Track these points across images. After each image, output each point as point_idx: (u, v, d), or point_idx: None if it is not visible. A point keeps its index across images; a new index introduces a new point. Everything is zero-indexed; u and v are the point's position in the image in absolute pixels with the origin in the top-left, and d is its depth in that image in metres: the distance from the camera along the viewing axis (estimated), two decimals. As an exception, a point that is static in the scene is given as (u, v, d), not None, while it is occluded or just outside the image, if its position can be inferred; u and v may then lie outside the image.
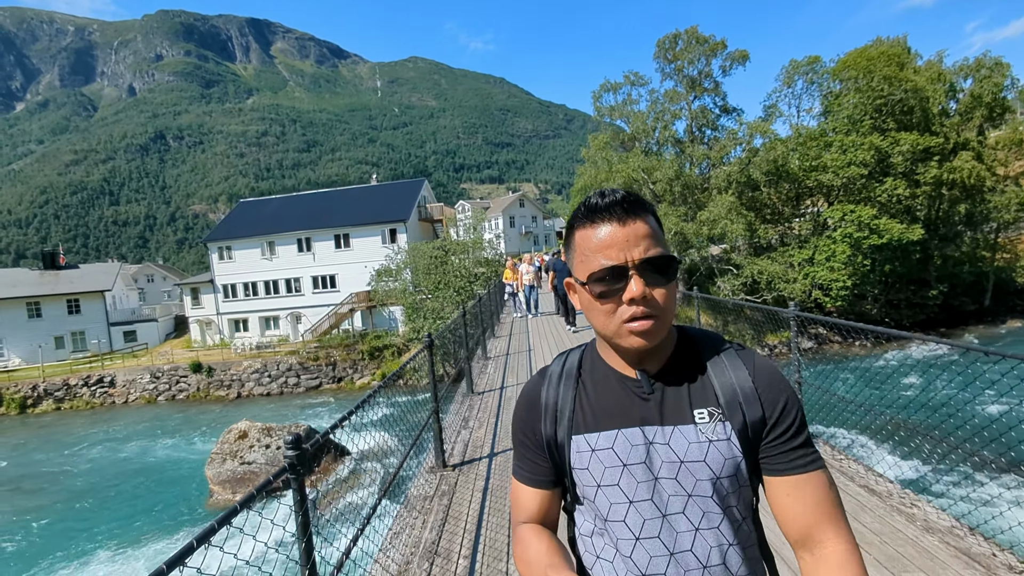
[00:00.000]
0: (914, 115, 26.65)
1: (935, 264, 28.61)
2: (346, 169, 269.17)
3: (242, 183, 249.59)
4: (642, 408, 0.92)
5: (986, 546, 2.68)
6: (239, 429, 17.04)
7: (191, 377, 30.25)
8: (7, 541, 14.59)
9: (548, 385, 1.02)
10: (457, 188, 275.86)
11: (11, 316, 35.50)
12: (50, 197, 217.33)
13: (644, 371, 0.94)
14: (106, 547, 13.58)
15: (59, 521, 15.75)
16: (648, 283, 0.86)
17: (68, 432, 25.42)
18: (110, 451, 21.96)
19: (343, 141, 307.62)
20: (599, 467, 0.92)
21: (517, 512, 1.03)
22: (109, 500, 17.15)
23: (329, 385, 29.53)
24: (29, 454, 22.37)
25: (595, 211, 0.89)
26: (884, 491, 3.47)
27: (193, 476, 18.07)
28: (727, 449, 0.89)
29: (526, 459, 1.02)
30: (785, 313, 4.67)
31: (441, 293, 26.15)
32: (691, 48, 27.79)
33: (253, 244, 35.75)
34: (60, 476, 19.66)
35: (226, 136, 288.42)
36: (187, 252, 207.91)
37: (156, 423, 25.70)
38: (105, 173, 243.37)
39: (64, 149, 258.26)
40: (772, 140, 25.87)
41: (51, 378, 30.69)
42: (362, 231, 34.54)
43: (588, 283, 0.89)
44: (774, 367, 0.95)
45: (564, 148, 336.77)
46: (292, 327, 35.39)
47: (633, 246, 0.86)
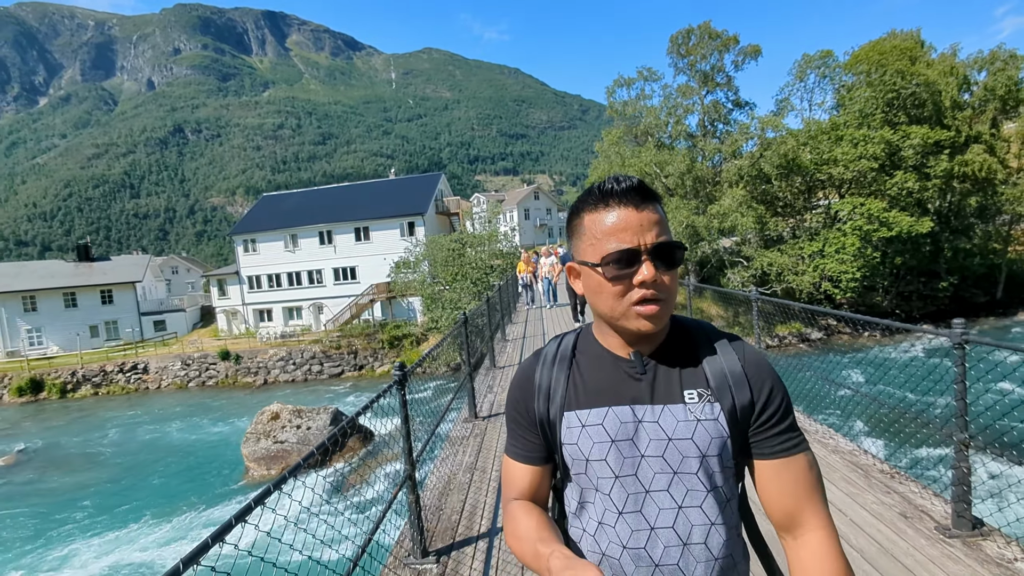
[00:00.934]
0: (926, 108, 26.90)
1: (945, 256, 28.88)
2: (361, 161, 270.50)
3: (259, 176, 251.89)
4: (634, 387, 0.97)
5: (872, 461, 3.63)
6: (271, 411, 18.19)
7: (219, 364, 31.62)
8: (60, 512, 15.85)
9: (543, 365, 1.06)
10: (472, 180, 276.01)
11: (49, 306, 37.29)
12: (73, 190, 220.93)
13: (638, 352, 0.99)
14: (151, 517, 14.79)
15: (106, 494, 17.02)
16: (658, 268, 0.91)
17: (107, 415, 26.89)
18: (147, 432, 23.32)
19: (358, 133, 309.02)
20: (588, 442, 0.96)
21: (508, 489, 1.07)
22: (151, 476, 18.42)
23: (351, 373, 30.72)
24: (73, 435, 23.81)
25: (610, 195, 0.93)
26: (813, 430, 4.57)
27: (227, 455, 19.28)
28: (714, 428, 0.93)
29: (519, 436, 1.07)
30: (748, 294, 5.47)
31: (458, 284, 27.10)
32: (704, 43, 28.23)
33: (276, 237, 37.03)
34: (104, 454, 21.01)
35: (243, 129, 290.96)
36: (206, 244, 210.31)
37: (188, 407, 27.06)
38: (126, 167, 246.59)
39: (86, 143, 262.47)
40: (783, 135, 26.29)
41: (88, 365, 32.30)
42: (381, 224, 35.62)
43: (601, 265, 0.93)
44: (762, 355, 1.01)
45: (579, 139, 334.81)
46: (314, 317, 36.67)
47: (647, 231, 0.91)
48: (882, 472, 3.60)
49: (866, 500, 3.32)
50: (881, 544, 2.86)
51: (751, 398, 0.95)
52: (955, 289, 29.46)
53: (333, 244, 36.33)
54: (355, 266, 36.02)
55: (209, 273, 41.92)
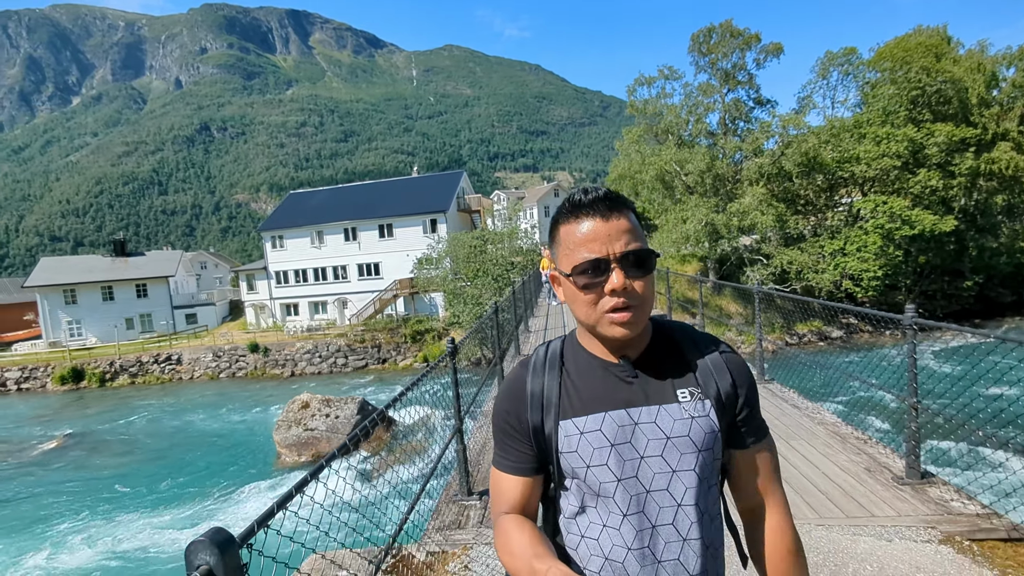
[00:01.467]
0: (951, 105, 26.67)
1: (971, 255, 28.58)
2: (382, 159, 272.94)
3: (282, 173, 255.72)
4: (627, 391, 0.99)
5: (849, 430, 4.20)
6: (302, 400, 19.03)
7: (249, 356, 32.78)
8: (105, 490, 16.86)
9: (532, 375, 1.07)
10: (491, 177, 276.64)
11: (88, 299, 38.97)
12: (104, 187, 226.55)
13: (626, 357, 1.01)
14: (190, 497, 15.70)
15: (147, 475, 18.02)
16: (628, 275, 0.93)
17: (144, 403, 28.16)
18: (183, 420, 24.42)
19: (379, 131, 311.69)
20: (588, 448, 0.97)
21: (498, 503, 1.07)
22: (188, 459, 19.41)
23: (375, 366, 31.60)
24: (114, 421, 25.05)
25: (579, 207, 0.96)
26: (804, 406, 5.20)
27: (259, 441, 20.21)
28: (707, 424, 0.98)
29: (509, 448, 1.06)
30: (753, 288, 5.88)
31: (480, 280, 27.73)
32: (725, 42, 28.30)
33: (303, 233, 38.11)
34: (143, 439, 22.11)
35: (267, 127, 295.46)
36: (231, 240, 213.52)
37: (220, 397, 28.19)
38: (154, 164, 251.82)
39: (116, 141, 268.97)
40: (805, 132, 26.32)
41: (125, 356, 33.73)
42: (404, 221, 36.43)
43: (572, 275, 0.96)
44: (737, 352, 1.08)
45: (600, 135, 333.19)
46: (339, 311, 37.69)
47: (615, 240, 0.93)
48: (857, 439, 4.21)
49: (839, 459, 3.94)
50: (845, 489, 3.51)
51: (733, 390, 1.02)
52: (980, 288, 29.13)
53: (357, 241, 37.27)
54: (379, 262, 36.92)
55: (238, 268, 43.31)
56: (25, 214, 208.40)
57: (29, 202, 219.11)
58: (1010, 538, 2.91)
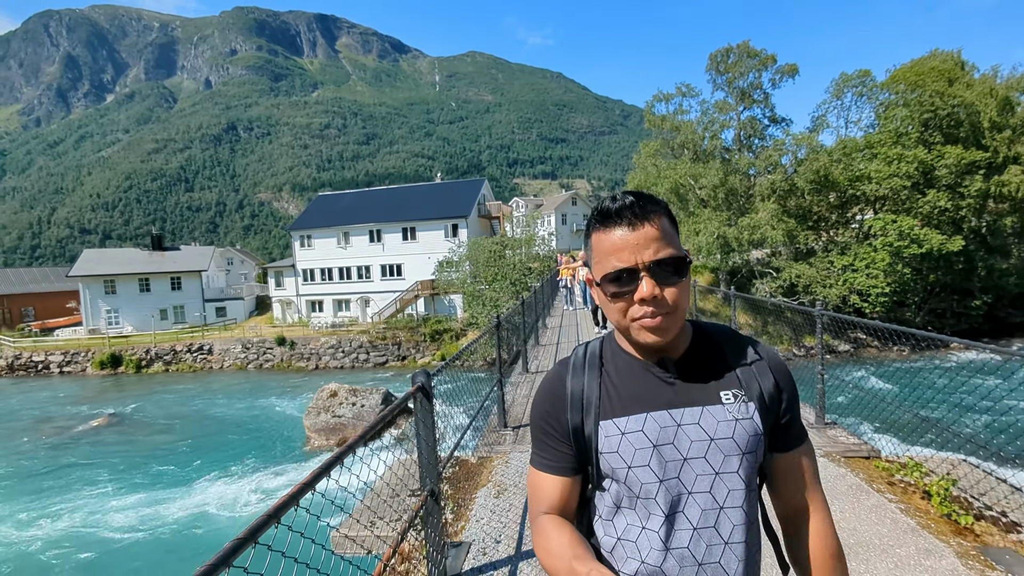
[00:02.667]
0: (963, 128, 27.39)
1: (979, 275, 29.16)
2: (403, 162, 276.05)
3: (305, 173, 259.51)
4: (668, 392, 0.99)
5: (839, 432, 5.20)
6: (330, 389, 20.44)
7: (276, 349, 34.40)
8: (146, 464, 18.32)
9: (572, 375, 1.07)
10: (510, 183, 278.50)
11: (126, 290, 41.11)
12: (133, 183, 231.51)
13: (667, 358, 1.01)
14: (226, 471, 17.12)
15: (184, 452, 19.52)
16: (659, 282, 0.93)
17: (178, 388, 29.88)
18: (216, 405, 26.01)
19: (401, 134, 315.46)
20: (629, 449, 0.97)
21: (537, 502, 1.07)
22: (222, 439, 20.89)
23: (395, 363, 33.01)
24: (152, 404, 26.73)
25: (607, 216, 0.96)
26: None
27: (289, 427, 21.65)
28: (751, 426, 0.97)
29: (549, 448, 1.06)
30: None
31: (498, 284, 29.02)
32: (742, 62, 29.39)
33: (330, 234, 39.84)
34: (179, 421, 23.69)
35: (292, 128, 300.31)
36: (252, 238, 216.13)
37: (249, 386, 29.77)
38: (182, 161, 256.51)
39: (147, 138, 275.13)
40: (816, 151, 27.24)
41: (160, 344, 35.61)
42: (427, 225, 37.94)
43: (602, 283, 0.97)
44: (778, 352, 1.08)
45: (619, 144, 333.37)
46: (361, 310, 39.26)
47: (644, 248, 0.93)
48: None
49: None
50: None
51: (777, 392, 1.01)
52: (989, 308, 29.67)
53: (382, 242, 38.86)
54: (401, 263, 38.45)
55: (267, 265, 45.28)
56: (57, 206, 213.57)
57: (61, 195, 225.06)
58: (868, 456, 4.46)
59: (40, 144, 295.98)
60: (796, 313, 27.52)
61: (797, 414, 1.06)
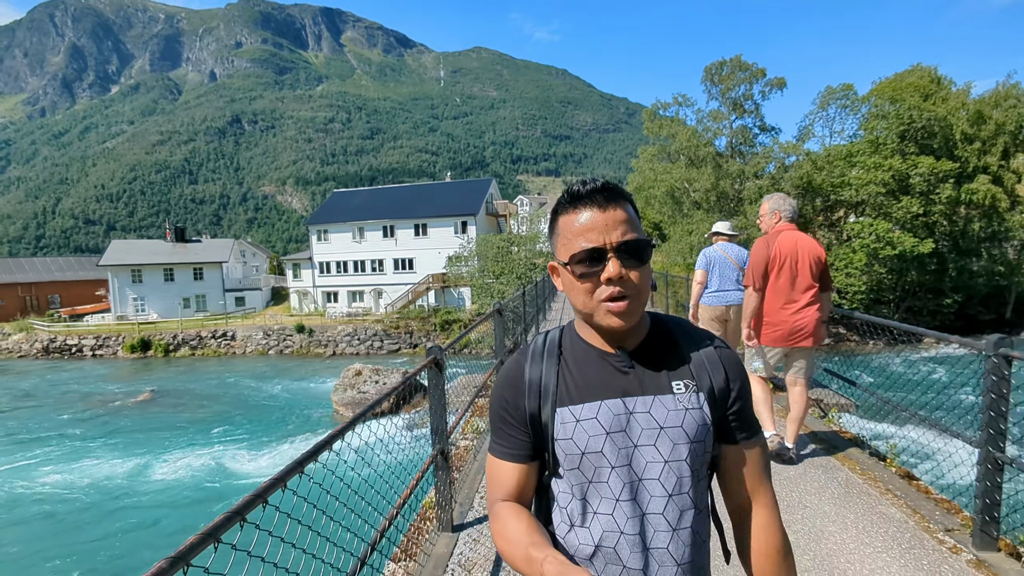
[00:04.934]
0: (936, 140, 29.63)
1: (951, 276, 31.44)
2: (407, 157, 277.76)
3: (308, 167, 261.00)
4: (623, 381, 1.02)
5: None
6: (355, 369, 22.80)
7: (295, 336, 36.76)
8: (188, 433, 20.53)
9: (531, 362, 1.09)
10: (514, 180, 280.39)
11: (152, 279, 43.54)
12: (138, 174, 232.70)
13: (623, 348, 1.04)
14: (262, 438, 19.44)
15: (223, 422, 21.78)
16: (624, 265, 0.95)
17: (206, 370, 32.24)
18: (244, 384, 28.33)
19: (405, 129, 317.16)
20: (583, 436, 1.00)
21: (495, 489, 1.09)
22: (256, 412, 23.16)
23: (407, 350, 35.37)
24: (185, 383, 29.09)
25: (577, 198, 0.99)
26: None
27: (317, 402, 23.98)
28: (700, 416, 1.00)
29: (506, 435, 1.08)
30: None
31: (505, 277, 31.36)
32: (734, 74, 31.61)
33: (346, 229, 42.20)
34: (212, 397, 25.97)
35: (296, 121, 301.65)
36: (256, 231, 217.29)
37: (272, 369, 32.11)
38: (186, 153, 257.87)
39: (151, 130, 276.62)
40: (801, 159, 29.52)
41: (187, 330, 37.99)
42: (438, 222, 40.30)
43: (570, 263, 0.99)
44: (731, 348, 1.10)
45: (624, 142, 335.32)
46: (374, 301, 41.64)
47: (612, 230, 0.95)
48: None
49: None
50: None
51: (727, 384, 1.04)
52: (961, 307, 31.96)
53: (395, 238, 41.22)
54: (413, 258, 40.81)
55: (286, 258, 47.72)
56: (62, 197, 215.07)
57: (66, 185, 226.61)
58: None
59: (45, 134, 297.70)
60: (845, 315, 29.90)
61: (748, 407, 1.07)
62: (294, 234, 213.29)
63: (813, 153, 30.92)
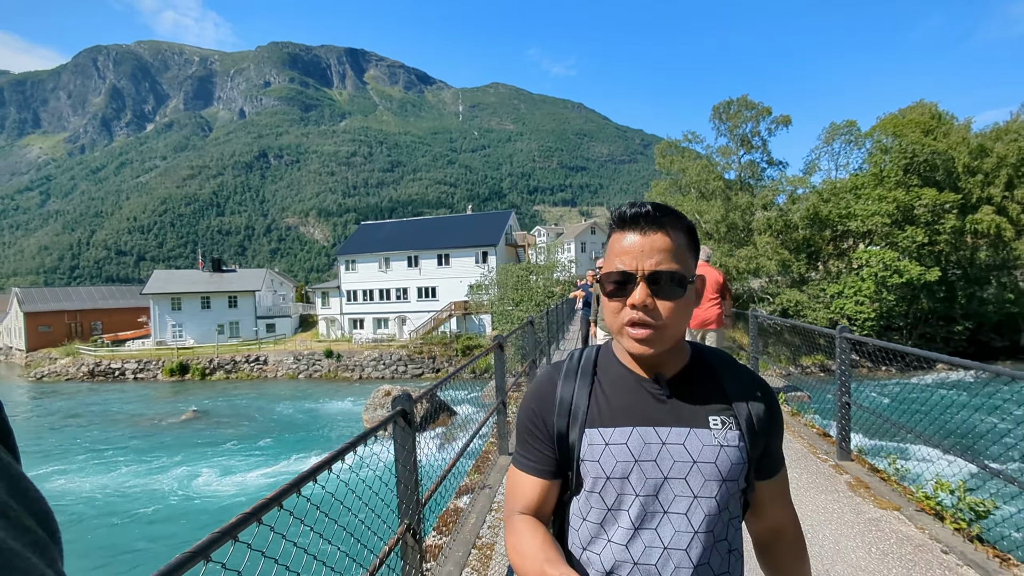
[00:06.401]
0: (938, 173, 30.88)
1: (960, 303, 32.17)
2: (426, 189, 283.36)
3: (331, 199, 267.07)
4: (658, 409, 1.00)
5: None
6: (384, 389, 24.31)
7: (324, 361, 38.56)
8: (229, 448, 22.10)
9: (563, 380, 1.08)
10: (530, 210, 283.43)
11: (190, 307, 46.10)
12: (168, 207, 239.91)
13: (660, 375, 1.02)
14: (301, 452, 20.95)
15: (262, 438, 23.41)
16: (654, 293, 0.94)
17: (241, 392, 34.06)
18: (281, 405, 30.01)
19: (424, 162, 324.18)
20: (611, 460, 0.97)
21: (514, 501, 1.08)
22: (295, 430, 24.74)
23: (430, 374, 36.86)
24: (224, 404, 30.87)
25: (623, 220, 0.99)
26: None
27: (348, 421, 25.53)
28: (735, 455, 0.97)
29: (532, 449, 1.07)
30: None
31: (525, 304, 32.94)
32: (741, 113, 33.45)
33: (372, 259, 44.45)
34: (251, 416, 27.65)
35: (320, 156, 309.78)
36: (279, 261, 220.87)
37: (303, 392, 33.79)
38: (215, 187, 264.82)
39: (183, 165, 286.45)
40: (806, 192, 30.96)
41: (222, 355, 40.07)
42: (459, 252, 42.33)
43: (601, 280, 1.00)
44: (769, 385, 1.08)
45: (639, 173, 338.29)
46: (398, 327, 43.45)
47: (647, 256, 0.94)
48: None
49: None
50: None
51: (765, 423, 1.02)
52: (973, 333, 32.57)
53: (419, 267, 43.29)
54: (436, 286, 42.74)
55: (315, 287, 50.13)
56: (96, 229, 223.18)
57: (101, 218, 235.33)
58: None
59: (83, 170, 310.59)
60: (795, 335, 30.81)
61: (780, 444, 1.07)
62: (316, 264, 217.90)
63: (820, 189, 32.33)
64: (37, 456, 21.75)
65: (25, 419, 29.19)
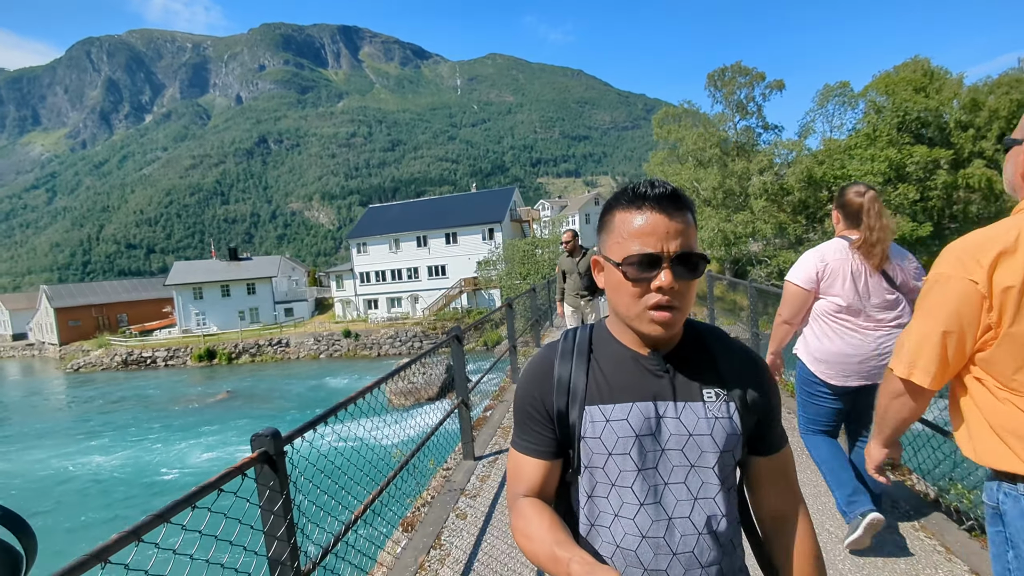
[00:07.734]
0: (930, 129, 31.56)
1: (952, 257, 33.07)
2: (428, 166, 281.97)
3: (333, 182, 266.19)
4: (655, 384, 1.00)
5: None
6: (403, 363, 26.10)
7: (343, 341, 40.40)
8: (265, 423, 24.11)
9: (560, 359, 1.07)
10: (534, 183, 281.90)
11: (211, 295, 48.03)
12: (173, 198, 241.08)
13: (657, 351, 1.02)
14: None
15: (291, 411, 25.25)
16: (677, 276, 0.93)
17: (268, 374, 36.02)
18: (307, 383, 31.92)
19: (425, 139, 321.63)
20: (612, 436, 0.98)
21: (516, 484, 1.08)
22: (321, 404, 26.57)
23: (443, 349, 38.32)
24: (252, 384, 32.86)
25: (643, 198, 0.95)
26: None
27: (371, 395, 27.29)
28: (730, 426, 0.99)
29: (531, 430, 1.07)
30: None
31: (531, 278, 34.38)
32: (735, 80, 34.07)
33: (382, 241, 45.88)
34: (279, 394, 29.63)
35: (320, 138, 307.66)
36: (286, 246, 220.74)
37: (325, 370, 35.64)
38: (217, 175, 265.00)
39: (184, 155, 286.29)
40: (801, 155, 31.81)
41: (246, 340, 42.03)
42: (466, 230, 43.65)
43: (622, 265, 0.95)
44: (763, 359, 1.10)
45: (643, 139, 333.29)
46: (411, 306, 45.14)
47: (672, 239, 0.93)
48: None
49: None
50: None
51: (758, 396, 1.03)
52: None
53: (428, 247, 44.71)
54: (445, 264, 44.22)
55: (329, 270, 51.85)
56: (105, 224, 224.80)
57: (108, 212, 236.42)
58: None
59: (86, 165, 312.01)
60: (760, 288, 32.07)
61: (778, 419, 1.08)
62: (323, 247, 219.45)
63: (815, 151, 33.12)
64: (103, 436, 23.91)
65: (72, 406, 31.43)
